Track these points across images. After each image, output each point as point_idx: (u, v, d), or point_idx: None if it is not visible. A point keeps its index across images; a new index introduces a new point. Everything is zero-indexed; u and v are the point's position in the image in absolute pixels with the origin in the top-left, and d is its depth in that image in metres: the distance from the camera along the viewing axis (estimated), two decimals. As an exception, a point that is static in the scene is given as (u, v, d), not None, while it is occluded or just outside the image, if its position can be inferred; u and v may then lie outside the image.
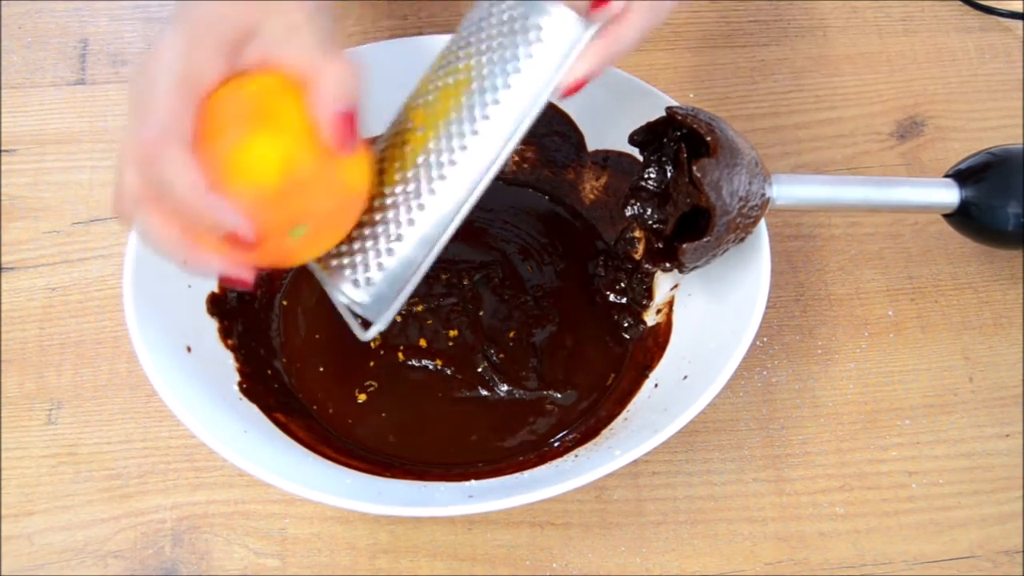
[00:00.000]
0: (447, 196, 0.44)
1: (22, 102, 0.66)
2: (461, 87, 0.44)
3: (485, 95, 0.43)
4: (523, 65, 0.43)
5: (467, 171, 0.44)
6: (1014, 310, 0.61)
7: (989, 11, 0.72)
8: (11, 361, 0.57)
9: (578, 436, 0.53)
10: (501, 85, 0.43)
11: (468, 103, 0.43)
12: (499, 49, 0.43)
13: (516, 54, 0.43)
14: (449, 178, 0.44)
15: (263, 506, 0.53)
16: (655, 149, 0.54)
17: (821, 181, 0.53)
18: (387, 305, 0.45)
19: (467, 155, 0.44)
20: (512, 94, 0.43)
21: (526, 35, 0.43)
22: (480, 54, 0.43)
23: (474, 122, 0.44)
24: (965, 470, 0.55)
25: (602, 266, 0.59)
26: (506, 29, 0.43)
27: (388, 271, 0.44)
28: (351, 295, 0.44)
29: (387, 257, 0.44)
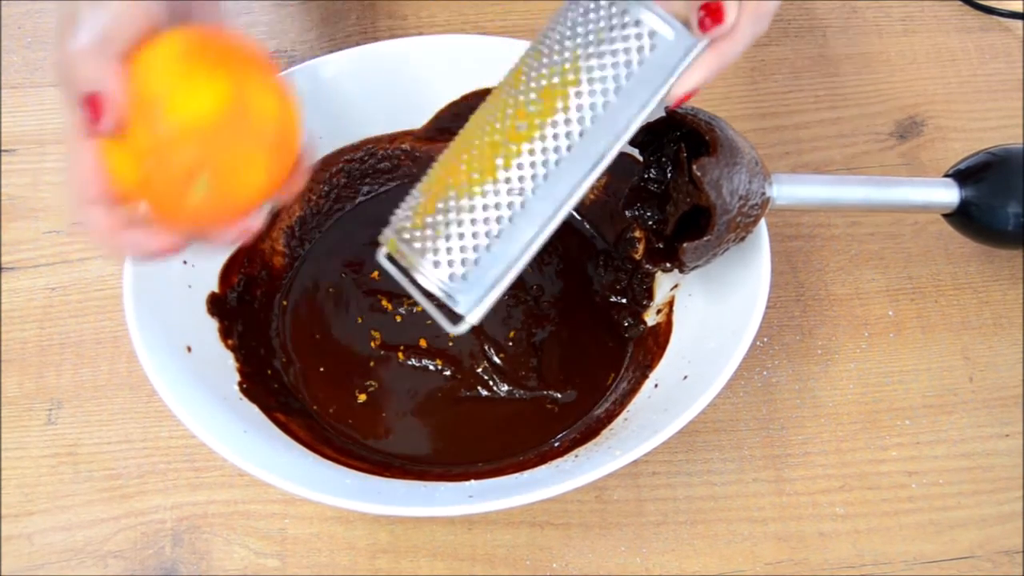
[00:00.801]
0: (548, 196, 0.43)
1: (22, 102, 0.66)
2: (567, 88, 0.43)
3: (593, 97, 0.43)
4: (633, 70, 0.43)
5: (570, 174, 0.43)
6: (1014, 310, 0.61)
7: (989, 11, 0.72)
8: (11, 361, 0.57)
9: (578, 436, 0.53)
10: (611, 88, 0.43)
11: (576, 104, 0.43)
12: (609, 53, 0.43)
13: (627, 59, 0.42)
14: (551, 178, 0.43)
15: (263, 506, 0.53)
16: (655, 149, 0.54)
17: (821, 181, 0.53)
18: (480, 299, 0.44)
19: (572, 157, 0.43)
20: (620, 100, 0.43)
21: (637, 41, 0.42)
22: (588, 56, 0.43)
23: (581, 124, 0.43)
24: (965, 470, 0.55)
25: (602, 266, 0.59)
26: (615, 34, 0.42)
27: (484, 265, 0.44)
28: (444, 286, 0.44)
29: (484, 251, 0.43)
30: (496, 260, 0.44)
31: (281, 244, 0.59)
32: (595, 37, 0.43)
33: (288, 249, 0.59)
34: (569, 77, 0.43)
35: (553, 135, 0.43)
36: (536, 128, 0.43)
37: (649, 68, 0.43)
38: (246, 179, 0.41)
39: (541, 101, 0.43)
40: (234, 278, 0.56)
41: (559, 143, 0.43)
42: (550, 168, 0.43)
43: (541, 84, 0.43)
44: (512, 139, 0.43)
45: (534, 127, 0.43)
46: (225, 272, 0.55)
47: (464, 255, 0.43)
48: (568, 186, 0.43)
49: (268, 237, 0.58)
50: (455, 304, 0.44)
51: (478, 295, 0.44)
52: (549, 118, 0.43)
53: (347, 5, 0.71)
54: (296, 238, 0.59)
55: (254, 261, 0.57)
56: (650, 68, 0.43)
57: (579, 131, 0.43)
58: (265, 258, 0.58)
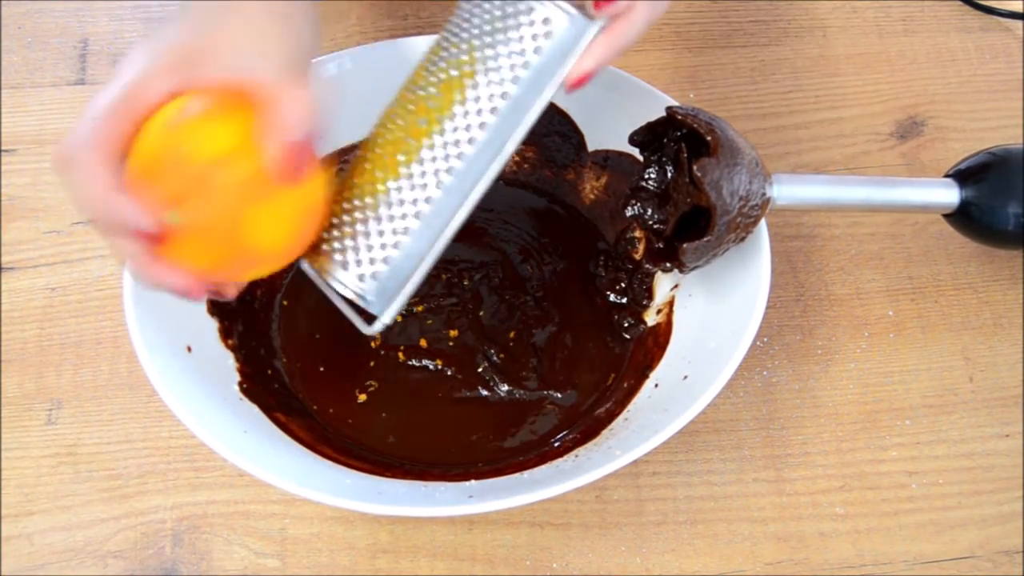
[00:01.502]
0: (453, 190, 0.44)
1: (22, 102, 0.66)
2: (465, 79, 0.43)
3: (491, 88, 0.43)
4: (529, 59, 0.43)
5: (473, 165, 0.44)
6: (1014, 310, 0.61)
7: (989, 11, 0.72)
8: (11, 361, 0.57)
9: (578, 436, 0.53)
10: (508, 78, 0.43)
11: (474, 96, 0.43)
12: (503, 43, 0.43)
13: (522, 48, 0.43)
14: (455, 171, 0.43)
15: (263, 506, 0.53)
16: (655, 149, 0.54)
17: (821, 181, 0.53)
18: (392, 298, 0.44)
19: (473, 148, 0.43)
20: (518, 88, 0.43)
21: (531, 29, 0.43)
22: (484, 47, 0.43)
23: (480, 115, 0.43)
24: (965, 470, 0.55)
25: (602, 266, 0.59)
26: (510, 23, 0.43)
27: (394, 264, 0.44)
28: (355, 287, 0.44)
29: (392, 250, 0.44)
30: (405, 258, 0.44)
31: (281, 244, 0.59)
32: (490, 27, 0.43)
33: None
34: (465, 69, 0.43)
35: (452, 128, 0.43)
36: (435, 123, 0.43)
37: (545, 55, 0.43)
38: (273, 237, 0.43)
39: (440, 95, 0.43)
40: (234, 278, 0.56)
41: (459, 136, 0.43)
42: (452, 162, 0.43)
43: (440, 78, 0.44)
44: (413, 135, 0.44)
45: (433, 121, 0.43)
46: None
47: (372, 255, 0.44)
48: (472, 179, 0.44)
49: (268, 237, 0.58)
50: (368, 305, 0.44)
51: (390, 294, 0.44)
52: (447, 111, 0.43)
53: (347, 5, 0.71)
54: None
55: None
56: (546, 55, 0.43)
57: (479, 123, 0.43)
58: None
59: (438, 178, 0.43)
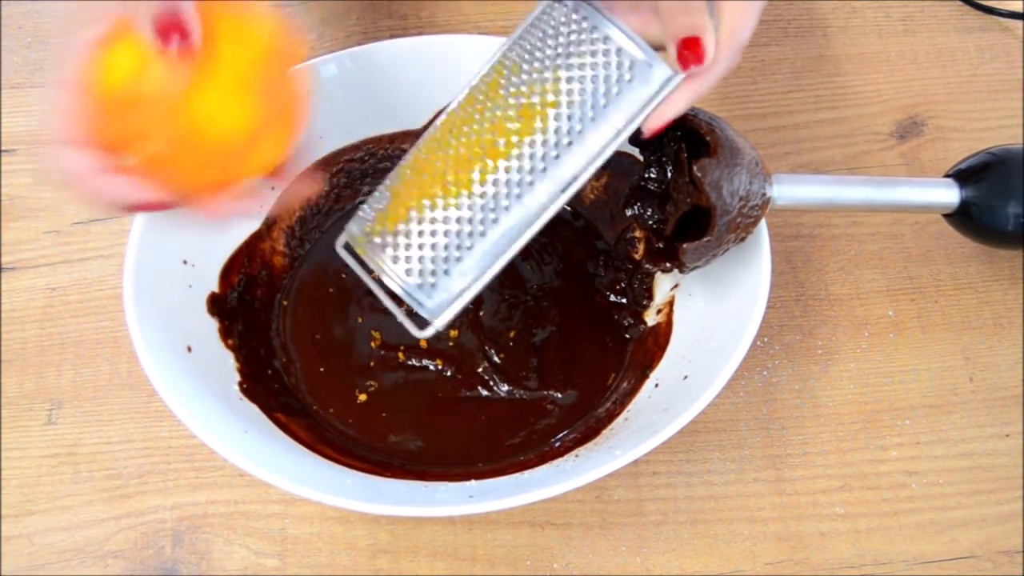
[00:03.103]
0: (520, 215, 0.44)
1: (22, 102, 0.66)
2: (548, 108, 0.43)
3: (572, 123, 0.43)
4: (612, 100, 0.43)
5: (542, 195, 0.44)
6: (1014, 310, 0.61)
7: (989, 11, 0.72)
8: (11, 361, 0.57)
9: (578, 436, 0.53)
10: (589, 116, 0.43)
11: (555, 127, 0.43)
12: (590, 80, 0.43)
13: (607, 89, 0.43)
14: (525, 199, 0.44)
15: (263, 506, 0.53)
16: (655, 149, 0.54)
17: (821, 181, 0.53)
18: (447, 306, 0.45)
19: (546, 179, 0.44)
20: (597, 127, 0.44)
21: (618, 71, 0.43)
22: (569, 79, 0.43)
23: (557, 147, 0.44)
24: (965, 470, 0.55)
25: (602, 266, 0.59)
26: (598, 60, 0.43)
27: (452, 275, 0.45)
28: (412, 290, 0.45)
29: (455, 263, 0.44)
30: (465, 271, 0.45)
31: (281, 244, 0.59)
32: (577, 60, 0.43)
33: (288, 249, 0.59)
34: (549, 98, 0.43)
35: (530, 155, 0.44)
36: (514, 146, 0.44)
37: (627, 96, 0.44)
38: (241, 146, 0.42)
39: (521, 119, 0.44)
40: (234, 278, 0.56)
41: (534, 163, 0.44)
42: (524, 187, 0.44)
43: (520, 101, 0.44)
44: (489, 155, 0.44)
45: (512, 145, 0.44)
46: (225, 272, 0.55)
47: (435, 265, 0.45)
48: (540, 206, 0.44)
49: (268, 237, 0.58)
50: (422, 308, 0.45)
51: (445, 302, 0.45)
52: (527, 137, 0.44)
53: (347, 5, 0.71)
54: (296, 238, 0.59)
55: (254, 261, 0.57)
56: (627, 96, 0.44)
57: (555, 154, 0.44)
58: (265, 258, 0.58)
59: (509, 200, 0.44)
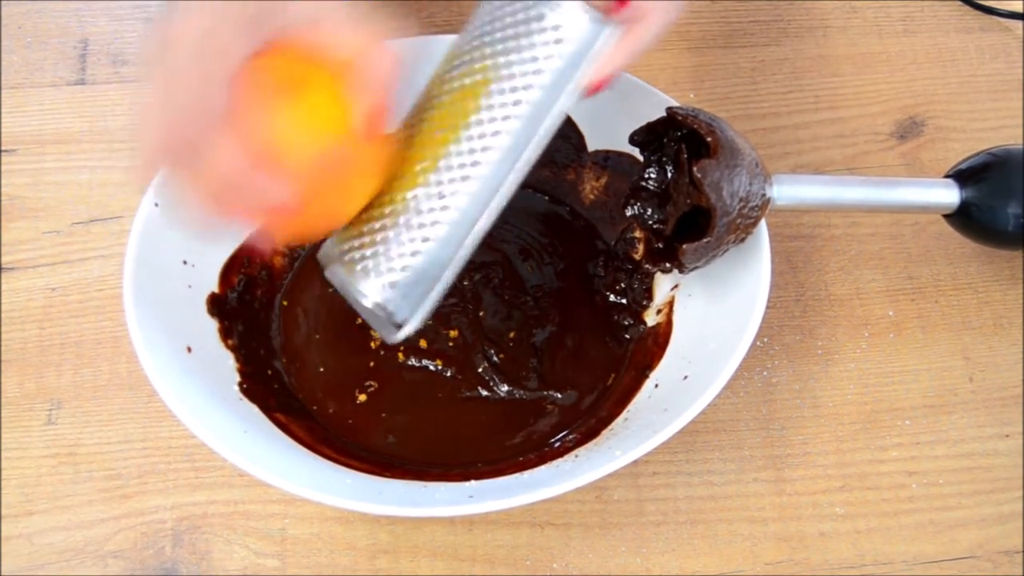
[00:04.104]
0: (472, 197, 0.44)
1: (22, 102, 0.66)
2: (479, 87, 0.43)
3: (505, 95, 0.43)
4: (544, 65, 0.43)
5: (493, 174, 0.44)
6: (1014, 310, 0.61)
7: (989, 11, 0.72)
8: (11, 361, 0.57)
9: (578, 436, 0.53)
10: (522, 85, 0.43)
11: (488, 103, 0.43)
12: (517, 50, 0.43)
13: (535, 54, 0.42)
14: (473, 179, 0.43)
15: (263, 506, 0.53)
16: (655, 149, 0.54)
17: (821, 181, 0.54)
18: (416, 306, 0.44)
19: (490, 156, 0.43)
20: (534, 94, 0.43)
21: (543, 35, 0.42)
22: (497, 55, 0.43)
23: (496, 122, 0.43)
24: (965, 470, 0.55)
25: (602, 266, 0.59)
26: (523, 29, 0.43)
27: (415, 271, 0.44)
28: (379, 296, 0.44)
29: (414, 258, 0.44)
30: (428, 266, 0.44)
31: (281, 244, 0.59)
32: (503, 33, 0.43)
33: (288, 249, 0.59)
34: (479, 77, 0.43)
35: (468, 137, 0.43)
36: (453, 131, 0.43)
37: (561, 61, 0.43)
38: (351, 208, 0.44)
39: (455, 103, 0.43)
40: (234, 278, 0.56)
41: (474, 144, 0.43)
42: (471, 170, 0.43)
43: (455, 86, 0.44)
44: (431, 144, 0.44)
45: (451, 130, 0.43)
46: (225, 272, 0.55)
47: (395, 264, 0.44)
48: (492, 186, 0.44)
49: (268, 237, 0.58)
50: (392, 314, 0.44)
51: (414, 302, 0.44)
52: (464, 120, 0.43)
53: (347, 5, 0.71)
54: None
55: (254, 261, 0.57)
56: (562, 60, 0.43)
57: (494, 131, 0.43)
58: (265, 258, 0.58)
59: (457, 186, 0.43)
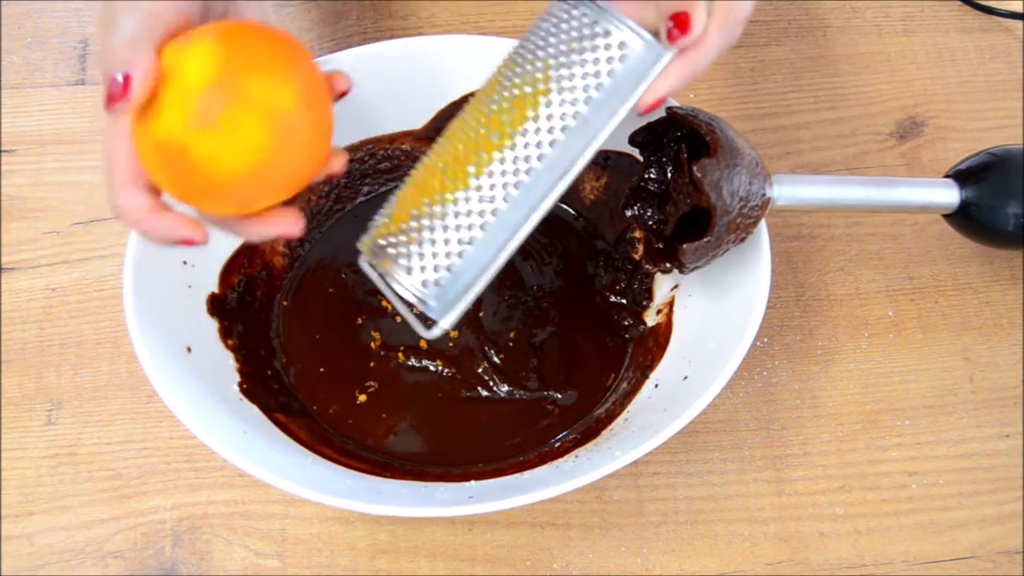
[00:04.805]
0: (520, 204, 0.44)
1: (22, 102, 0.66)
2: (538, 96, 0.43)
3: (564, 107, 0.43)
4: (603, 81, 0.43)
5: (541, 182, 0.44)
6: (1014, 311, 0.61)
7: (989, 11, 0.72)
8: (11, 361, 0.57)
9: (578, 436, 0.53)
10: (581, 99, 0.43)
11: (546, 113, 0.43)
12: (579, 64, 0.43)
13: (596, 70, 0.43)
14: (523, 187, 0.44)
15: (263, 506, 0.53)
16: (655, 149, 0.54)
17: (821, 181, 0.53)
18: (452, 305, 0.45)
19: (542, 165, 0.44)
20: (590, 108, 0.43)
21: (607, 51, 0.43)
22: (559, 66, 0.43)
23: (552, 133, 0.44)
24: (965, 470, 0.55)
25: (602, 266, 0.59)
26: (587, 44, 0.43)
27: (456, 271, 0.44)
28: (417, 291, 0.44)
29: (456, 258, 0.44)
30: (468, 267, 0.44)
31: (281, 244, 0.59)
32: (566, 47, 0.43)
33: (288, 249, 0.59)
34: (539, 87, 0.43)
35: (524, 144, 0.44)
36: (507, 137, 0.44)
37: (619, 78, 0.43)
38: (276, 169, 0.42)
39: (512, 110, 0.44)
40: (234, 278, 0.56)
41: (529, 152, 0.44)
42: (521, 177, 0.44)
43: (513, 93, 0.44)
44: (484, 148, 0.44)
45: (505, 136, 0.44)
46: (225, 272, 0.55)
47: (437, 262, 0.44)
48: (539, 194, 0.44)
49: (268, 237, 0.58)
50: (428, 310, 0.45)
51: (450, 301, 0.45)
52: (519, 127, 0.44)
53: (347, 5, 0.71)
54: (296, 238, 0.59)
55: (254, 261, 0.57)
56: (620, 78, 0.43)
57: (549, 140, 0.44)
58: (265, 258, 0.58)
59: (506, 191, 0.44)
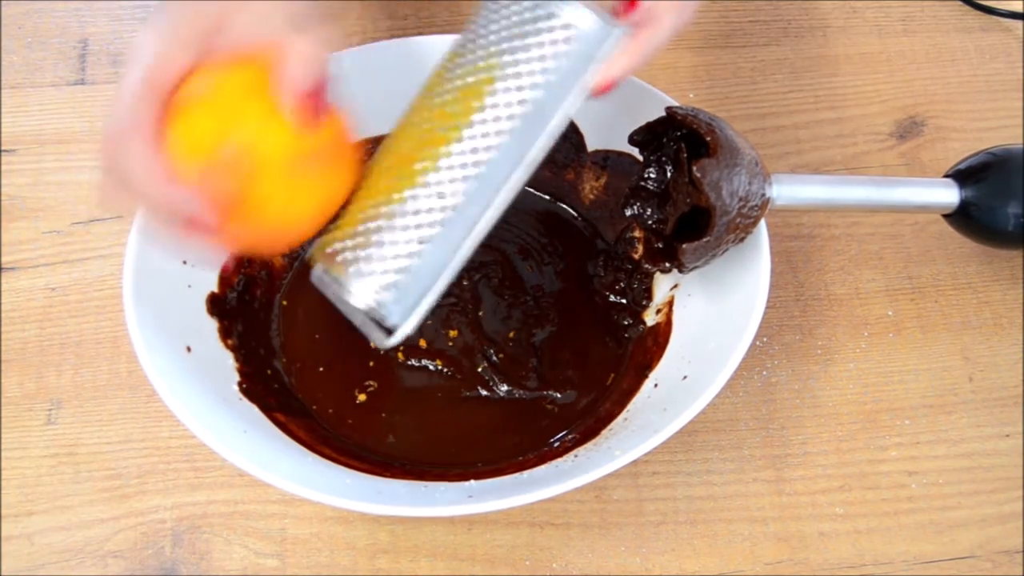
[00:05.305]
0: (476, 198, 0.42)
1: (22, 102, 0.66)
2: (483, 85, 0.42)
3: (511, 94, 0.42)
4: (550, 64, 0.41)
5: (495, 173, 0.42)
6: (1014, 310, 0.61)
7: (989, 11, 0.72)
8: (11, 361, 0.57)
9: (578, 436, 0.53)
10: (528, 84, 0.41)
11: (493, 102, 0.42)
12: (524, 48, 0.41)
13: (543, 53, 0.41)
14: (476, 180, 0.42)
15: (263, 506, 0.53)
16: (655, 149, 0.54)
17: (821, 181, 0.53)
18: (411, 310, 0.43)
19: (495, 156, 0.42)
20: (539, 94, 0.42)
21: (552, 34, 0.41)
22: (504, 52, 0.41)
23: (500, 121, 0.42)
24: (965, 470, 0.55)
25: (602, 266, 0.59)
26: (530, 28, 0.41)
27: (413, 274, 0.42)
28: (372, 299, 0.43)
29: (411, 259, 0.42)
30: (426, 268, 0.42)
31: (281, 244, 0.59)
32: (509, 32, 0.42)
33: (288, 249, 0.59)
34: (483, 75, 0.42)
35: (472, 136, 0.42)
36: (454, 130, 0.42)
37: (567, 61, 0.42)
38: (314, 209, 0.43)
39: (458, 102, 0.42)
40: (234, 278, 0.56)
41: (478, 143, 0.42)
42: (472, 170, 0.42)
43: (458, 84, 0.42)
44: (431, 143, 0.42)
45: (452, 128, 0.42)
46: (225, 272, 0.55)
47: (393, 264, 0.42)
48: (494, 186, 0.42)
49: (268, 237, 0.58)
50: (388, 315, 0.43)
51: (408, 306, 0.43)
52: (467, 118, 0.42)
53: (347, 5, 0.71)
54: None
55: (254, 261, 0.57)
56: (568, 60, 0.42)
57: (497, 130, 0.42)
58: (265, 258, 0.58)
59: (459, 185, 0.42)
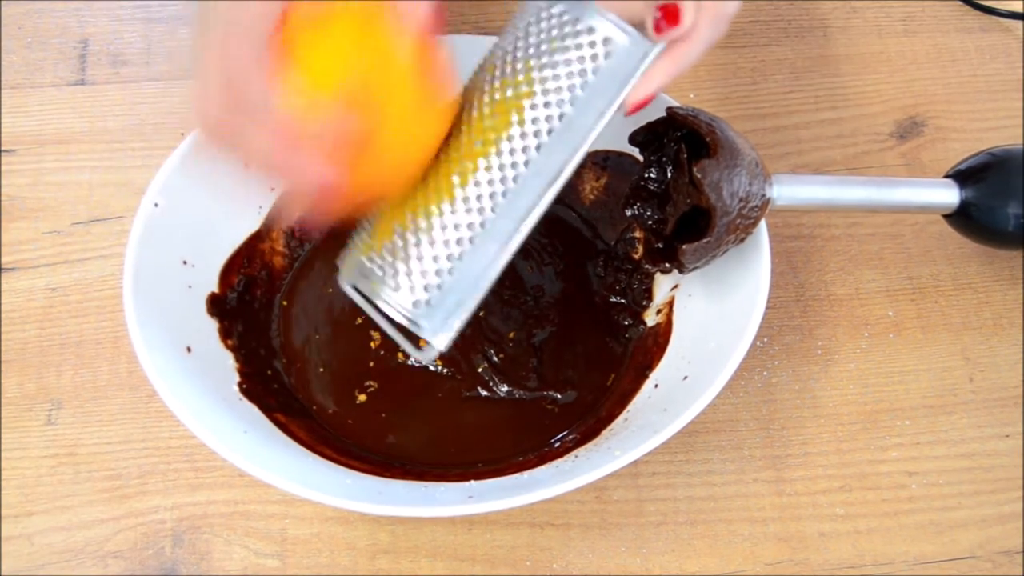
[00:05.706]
0: (510, 212, 0.42)
1: (22, 102, 0.66)
2: (521, 99, 0.42)
3: (549, 109, 0.42)
4: (588, 80, 0.42)
5: (530, 188, 0.42)
6: (1014, 311, 0.61)
7: (989, 11, 0.72)
8: (11, 361, 0.57)
9: (578, 436, 0.53)
10: (567, 99, 0.42)
11: (531, 117, 0.42)
12: (562, 64, 0.42)
13: (581, 68, 0.42)
14: (512, 194, 0.42)
15: (263, 506, 0.53)
16: (655, 149, 0.54)
17: (821, 181, 0.53)
18: (446, 323, 0.43)
19: (530, 171, 0.42)
20: (576, 109, 0.42)
21: (591, 49, 0.42)
22: (541, 67, 0.42)
23: (538, 137, 0.42)
24: (965, 470, 0.55)
25: (602, 266, 0.59)
26: (570, 43, 0.42)
27: (448, 288, 0.42)
28: (407, 311, 0.42)
29: (446, 276, 0.42)
30: (460, 283, 0.43)
31: (281, 244, 0.59)
32: (547, 46, 0.42)
33: (288, 249, 0.59)
34: (523, 89, 0.42)
35: (509, 150, 0.42)
36: (491, 144, 0.42)
37: (604, 76, 0.42)
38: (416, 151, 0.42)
39: (495, 115, 0.42)
40: (234, 278, 0.56)
41: (515, 158, 0.42)
42: (508, 184, 0.42)
43: (495, 98, 0.42)
44: (468, 156, 0.42)
45: (489, 143, 0.42)
46: (225, 272, 0.55)
47: (426, 279, 0.42)
48: (528, 201, 0.42)
49: (268, 237, 0.58)
50: (420, 330, 0.43)
51: (443, 319, 0.43)
52: (504, 133, 0.42)
53: None
54: (296, 238, 0.59)
55: (254, 261, 0.57)
56: (605, 76, 0.42)
57: (536, 144, 0.42)
58: (265, 258, 0.58)
59: (494, 200, 0.42)
